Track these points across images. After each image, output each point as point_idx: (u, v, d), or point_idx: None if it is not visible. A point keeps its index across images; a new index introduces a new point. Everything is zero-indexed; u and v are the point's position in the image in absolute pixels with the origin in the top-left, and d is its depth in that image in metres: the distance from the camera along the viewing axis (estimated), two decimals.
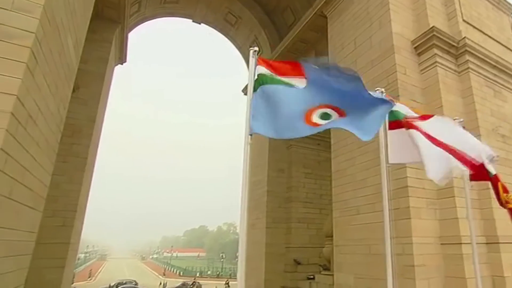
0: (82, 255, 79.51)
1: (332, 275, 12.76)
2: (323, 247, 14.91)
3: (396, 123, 4.63)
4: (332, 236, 13.10)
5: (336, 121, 3.60)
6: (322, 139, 18.76)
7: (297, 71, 3.62)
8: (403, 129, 4.53)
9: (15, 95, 3.41)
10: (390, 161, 4.79)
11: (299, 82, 3.62)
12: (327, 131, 13.85)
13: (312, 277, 15.28)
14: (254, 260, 17.06)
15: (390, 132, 4.65)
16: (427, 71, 10.35)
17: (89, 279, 47.33)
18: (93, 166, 14.86)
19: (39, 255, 11.08)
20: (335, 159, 11.65)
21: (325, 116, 3.62)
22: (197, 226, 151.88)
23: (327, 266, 14.44)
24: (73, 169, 12.23)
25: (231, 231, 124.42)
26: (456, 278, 8.18)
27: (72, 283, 30.40)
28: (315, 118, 3.60)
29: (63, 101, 5.17)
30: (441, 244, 8.73)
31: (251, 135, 3.42)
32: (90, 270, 57.02)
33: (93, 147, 13.93)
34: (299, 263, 16.42)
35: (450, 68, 10.49)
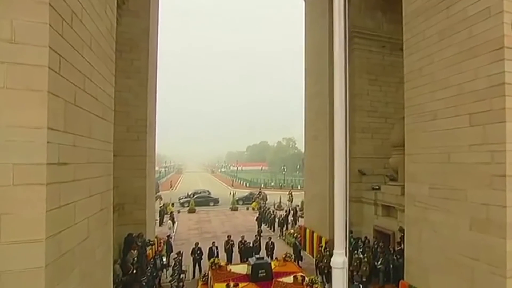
0: (162, 169, 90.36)
1: (400, 185, 12.40)
2: (389, 158, 14.30)
3: None
4: (400, 146, 12.35)
5: None
6: (388, 40, 16.60)
7: None
8: None
9: None
10: None
11: None
12: (395, 29, 11.98)
13: (377, 187, 15.11)
14: (318, 171, 17.27)
15: None
16: None
17: (171, 188, 54.07)
18: (156, 81, 15.32)
19: (124, 166, 12.66)
20: (409, 57, 10.18)
21: None
22: (258, 142, 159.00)
23: (394, 177, 14.02)
24: (137, 85, 12.72)
25: (290, 146, 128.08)
26: None
27: (158, 192, 35.15)
28: None
29: (109, 3, 4.85)
30: None
31: None
32: (171, 181, 65.06)
33: (152, 62, 14.15)
34: (363, 174, 16.21)
35: None
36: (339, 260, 2.01)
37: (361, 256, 12.25)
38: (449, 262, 8.19)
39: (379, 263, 11.69)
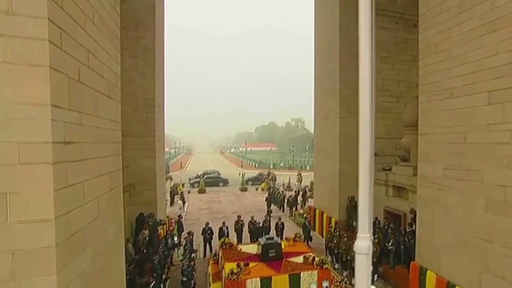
0: (172, 150, 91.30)
1: (412, 166, 12.17)
2: (401, 138, 14.01)
3: None
4: (413, 126, 12.05)
5: None
6: (402, 16, 15.93)
7: None
8: None
9: None
10: None
11: None
12: (410, 4, 11.39)
13: (388, 168, 14.89)
14: (328, 151, 17.08)
15: None
16: None
17: (181, 169, 54.63)
18: (163, 60, 15.09)
19: (134, 146, 12.72)
20: (424, 32, 9.71)
21: None
22: (266, 123, 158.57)
23: (405, 157, 13.77)
24: (144, 64, 12.56)
25: (299, 127, 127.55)
26: None
27: (168, 173, 35.48)
28: None
29: None
30: None
31: None
32: (181, 162, 65.75)
33: (159, 41, 13.90)
34: (375, 154, 15.82)
35: None
36: (364, 245, 1.84)
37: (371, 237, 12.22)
38: (462, 244, 8.07)
39: (389, 244, 11.66)
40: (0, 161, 3.14)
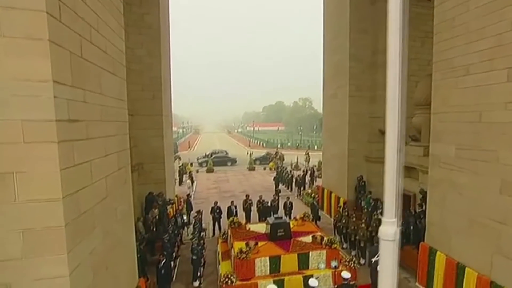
0: (180, 130, 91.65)
1: (423, 146, 11.92)
2: (412, 117, 13.68)
3: None
4: (424, 104, 11.73)
5: None
6: None
7: None
8: None
9: None
10: None
11: None
12: None
13: None
14: (337, 130, 16.84)
15: None
16: None
17: (189, 149, 55.00)
18: (169, 37, 14.76)
19: (142, 126, 12.67)
20: (440, 6, 9.19)
21: None
22: (274, 102, 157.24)
23: (416, 137, 13.49)
24: (149, 42, 12.27)
25: (307, 106, 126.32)
26: None
27: (177, 152, 35.63)
28: None
29: None
30: None
31: None
32: (189, 142, 66.18)
33: (164, 17, 13.53)
34: (382, 133, 15.71)
35: None
36: (390, 230, 1.68)
37: (380, 217, 12.18)
38: (474, 225, 7.94)
39: None
40: (4, 139, 3.07)
